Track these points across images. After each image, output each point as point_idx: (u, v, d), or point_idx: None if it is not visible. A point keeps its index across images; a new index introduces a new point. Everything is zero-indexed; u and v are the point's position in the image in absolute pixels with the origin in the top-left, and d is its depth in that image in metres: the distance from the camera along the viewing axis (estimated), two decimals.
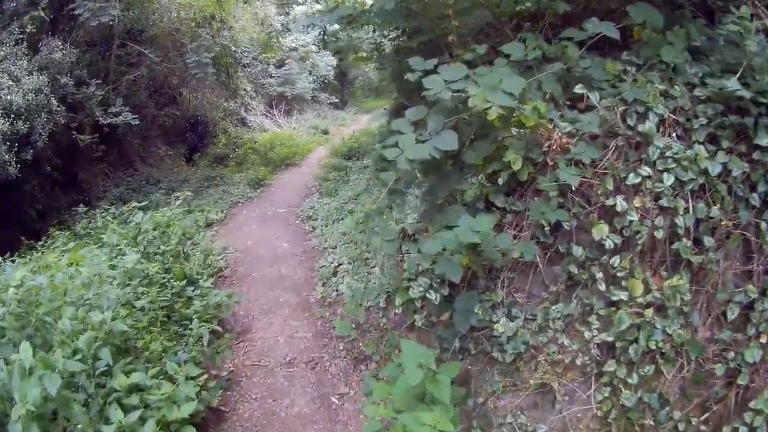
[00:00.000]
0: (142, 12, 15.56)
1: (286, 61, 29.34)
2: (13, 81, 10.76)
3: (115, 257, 7.87)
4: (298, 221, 12.84)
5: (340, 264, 9.38)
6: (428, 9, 7.13)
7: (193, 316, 6.81)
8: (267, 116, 26.96)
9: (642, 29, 5.08)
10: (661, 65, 4.97)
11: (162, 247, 8.02)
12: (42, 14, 11.96)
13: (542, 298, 5.02)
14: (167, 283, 7.42)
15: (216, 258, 10.16)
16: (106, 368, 4.88)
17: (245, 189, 15.83)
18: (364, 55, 14.12)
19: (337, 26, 33.65)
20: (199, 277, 8.18)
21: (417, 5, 7.46)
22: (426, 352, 4.27)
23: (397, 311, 6.32)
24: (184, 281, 7.67)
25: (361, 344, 6.89)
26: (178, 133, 20.73)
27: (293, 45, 29.97)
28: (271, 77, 27.96)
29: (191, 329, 6.54)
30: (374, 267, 8.57)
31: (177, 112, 19.72)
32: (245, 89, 23.97)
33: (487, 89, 4.34)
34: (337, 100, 35.26)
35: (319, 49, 32.68)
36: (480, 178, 5.03)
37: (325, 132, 27.65)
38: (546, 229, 4.79)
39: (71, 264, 7.01)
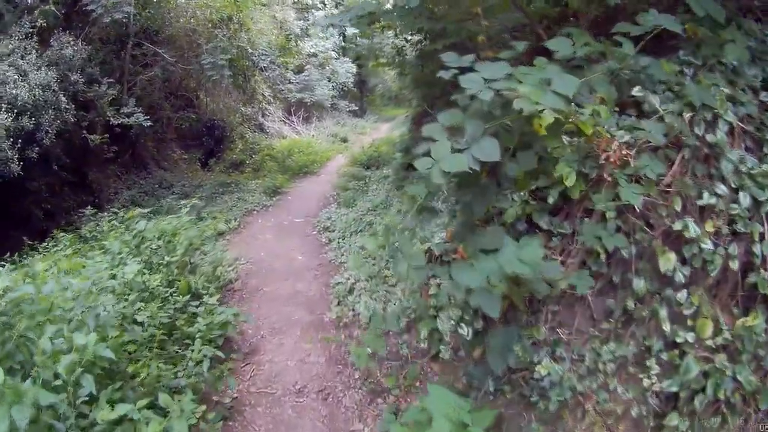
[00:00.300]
0: (158, 11, 15.09)
1: (305, 67, 28.80)
2: (19, 75, 10.21)
3: (117, 266, 7.28)
4: (314, 232, 12.20)
5: (357, 281, 8.71)
6: (453, 10, 6.58)
7: (196, 335, 6.19)
8: (285, 122, 26.41)
9: (697, 26, 4.36)
10: (720, 66, 4.30)
11: (166, 258, 7.40)
12: (53, 8, 11.45)
13: (591, 336, 4.33)
14: (170, 298, 6.79)
15: (226, 269, 9.54)
16: (88, 397, 4.23)
17: (261, 197, 15.23)
18: (385, 60, 13.35)
19: (356, 31, 33.24)
20: (205, 291, 7.52)
21: (442, 7, 6.91)
22: (457, 401, 3.62)
23: (421, 342, 5.64)
24: (188, 296, 7.01)
25: (378, 374, 6.19)
26: (195, 136, 20.23)
27: (312, 51, 29.46)
28: (290, 83, 27.43)
29: (192, 350, 5.90)
30: (394, 286, 7.91)
31: (193, 115, 19.19)
32: (263, 94, 23.40)
33: (536, 90, 3.67)
34: (357, 108, 34.68)
35: (339, 55, 32.11)
36: (523, 194, 4.32)
37: (344, 140, 27.06)
38: (601, 256, 4.09)
39: (67, 272, 6.44)
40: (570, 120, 3.79)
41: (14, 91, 9.80)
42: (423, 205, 4.30)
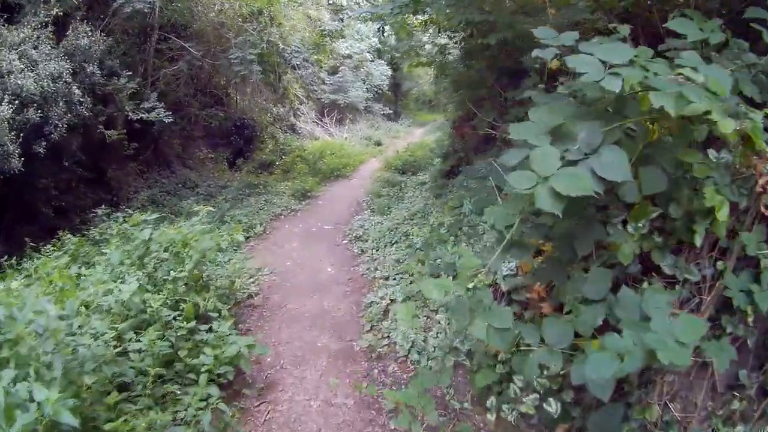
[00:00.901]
0: (185, 4, 14.00)
1: (340, 69, 27.75)
2: (28, 65, 9.18)
3: (117, 280, 6.18)
4: (345, 241, 11.03)
5: (393, 300, 7.53)
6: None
7: (202, 370, 5.05)
8: (318, 124, 25.35)
9: None
10: None
11: (173, 273, 6.20)
12: None
13: (711, 413, 3.10)
14: (173, 322, 5.63)
15: (246, 282, 8.44)
16: None
17: (289, 200, 14.12)
18: (424, 60, 12.15)
19: (392, 32, 32.11)
20: (217, 314, 6.34)
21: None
22: None
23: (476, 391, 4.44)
24: (195, 320, 5.83)
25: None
26: (224, 135, 19.17)
27: (347, 52, 28.39)
28: (323, 83, 26.39)
29: (195, 393, 4.75)
30: (437, 312, 6.72)
31: (222, 113, 18.10)
32: (295, 93, 22.29)
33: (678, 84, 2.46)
34: (391, 112, 33.47)
35: (374, 57, 30.97)
36: (640, 225, 3.06)
37: (378, 143, 25.94)
38: (749, 318, 2.87)
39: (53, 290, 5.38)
40: (738, 127, 2.54)
41: (19, 82, 8.75)
42: (513, 240, 2.98)
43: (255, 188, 15.34)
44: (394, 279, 8.43)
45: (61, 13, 10.48)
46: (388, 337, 6.63)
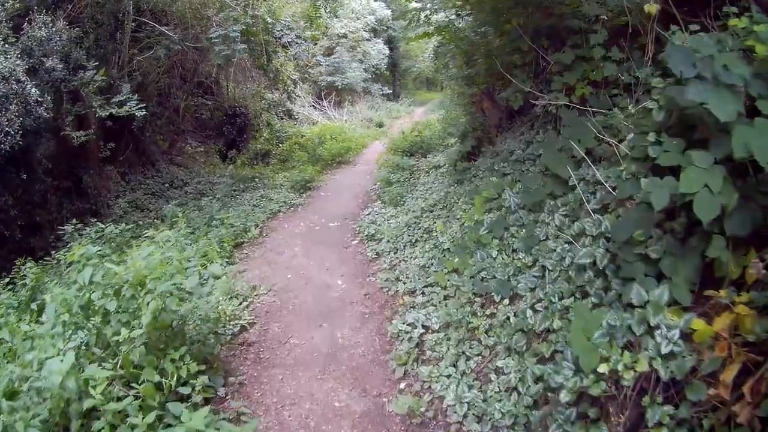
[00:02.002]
0: None
1: (335, 49, 25.64)
2: None
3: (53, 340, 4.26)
4: (355, 242, 9.10)
5: (427, 328, 5.62)
6: None
7: None
8: (315, 108, 23.30)
9: None
10: None
11: (124, 332, 4.17)
12: None
13: None
14: (126, 412, 3.69)
15: (238, 308, 6.50)
16: None
17: (288, 194, 12.12)
18: (431, 29, 10.09)
19: (389, 12, 30.00)
20: (191, 386, 4.35)
21: None
22: None
23: None
24: (154, 412, 3.83)
25: None
26: (215, 126, 17.17)
27: (342, 31, 26.26)
28: (319, 65, 24.31)
29: None
30: (493, 348, 4.80)
31: (209, 102, 16.02)
32: (289, 76, 20.11)
33: None
34: (390, 92, 31.32)
35: (371, 36, 28.81)
36: None
37: (380, 125, 23.97)
38: None
39: None
40: None
41: None
42: None
43: (250, 182, 13.38)
44: (422, 294, 6.54)
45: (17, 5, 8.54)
46: (430, 389, 4.69)
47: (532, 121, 8.08)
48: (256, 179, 13.59)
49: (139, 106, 9.92)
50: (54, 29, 8.91)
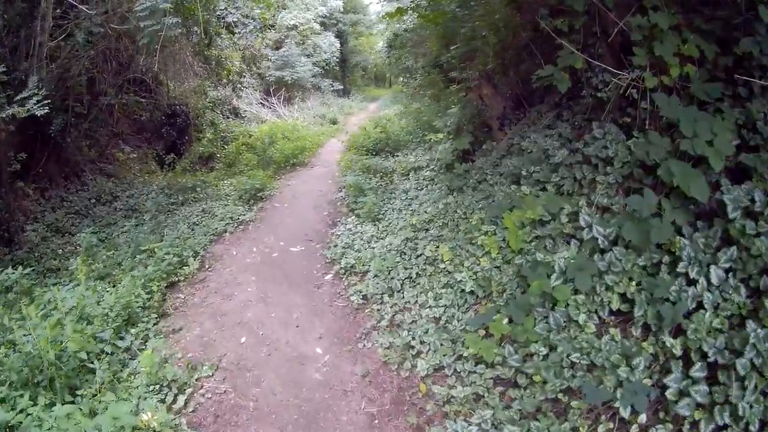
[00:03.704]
0: None
1: (285, 42, 22.72)
2: None
3: None
4: (329, 276, 6.42)
5: None
6: None
7: None
8: (264, 105, 20.34)
9: None
10: None
11: None
12: None
13: None
14: None
15: (168, 419, 3.77)
16: None
17: (235, 207, 9.27)
18: (412, 4, 7.45)
19: (339, 3, 27.28)
20: None
21: None
22: None
23: None
24: None
25: None
26: (155, 128, 14.04)
27: (292, 23, 23.37)
28: (268, 59, 21.35)
29: None
30: None
31: (143, 100, 12.89)
32: (233, 66, 16.94)
33: None
34: (341, 87, 28.48)
35: (322, 30, 25.95)
36: None
37: (333, 122, 21.33)
38: None
39: None
40: None
41: None
42: None
43: (189, 193, 10.49)
44: (458, 377, 4.13)
45: None
46: None
47: (583, 110, 5.57)
48: (198, 189, 10.70)
49: (43, 103, 7.02)
50: None
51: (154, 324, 5.42)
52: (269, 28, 21.70)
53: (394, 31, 22.61)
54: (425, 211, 7.03)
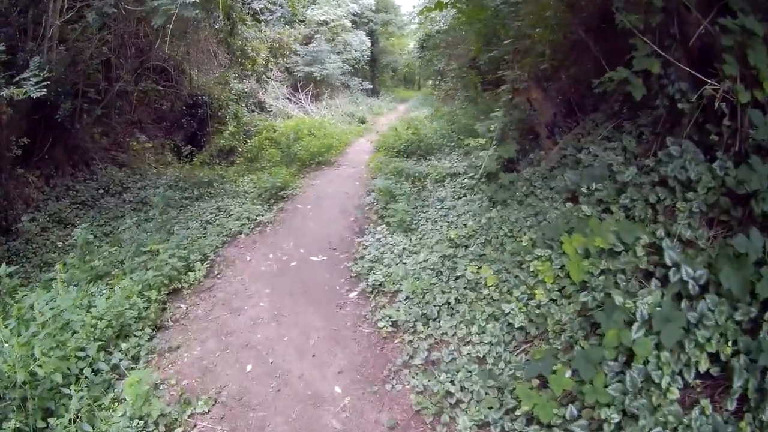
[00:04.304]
0: None
1: (314, 37, 21.93)
2: None
3: None
4: (354, 294, 5.57)
5: None
6: None
7: None
8: (291, 100, 19.52)
9: None
10: None
11: None
12: None
13: None
14: None
15: None
16: None
17: (254, 206, 8.47)
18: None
19: (371, 1, 26.60)
20: None
21: None
22: None
23: None
24: None
25: None
26: (176, 118, 13.29)
27: (323, 18, 22.55)
28: (297, 54, 20.56)
29: None
30: None
31: (160, 88, 12.11)
32: (259, 56, 16.09)
33: None
34: (371, 87, 27.62)
35: (353, 27, 25.16)
36: None
37: (362, 121, 20.49)
38: None
39: None
40: None
41: None
42: None
43: (206, 187, 9.72)
44: None
45: None
46: None
47: (652, 123, 4.70)
48: (215, 183, 9.92)
49: (41, 85, 6.32)
50: None
51: (149, 339, 4.66)
52: (299, 23, 21.02)
53: (426, 32, 21.92)
54: (464, 225, 6.17)
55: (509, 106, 7.36)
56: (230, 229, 7.41)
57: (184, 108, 13.35)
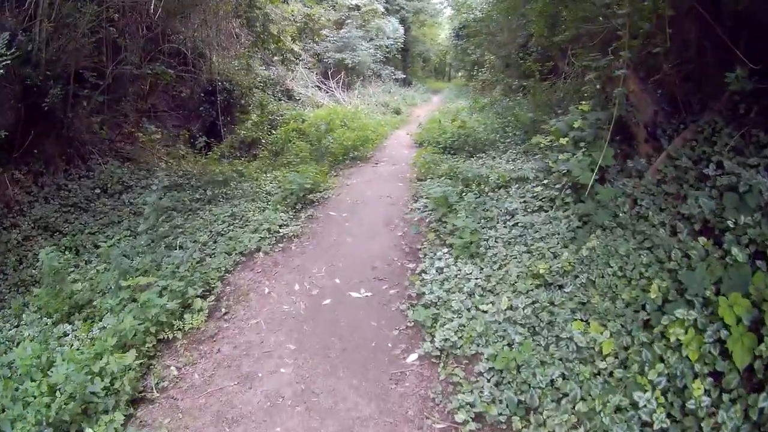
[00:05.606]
0: None
1: (346, 22, 20.32)
2: None
3: None
4: (413, 357, 3.86)
5: None
6: None
7: None
8: (321, 88, 17.88)
9: None
10: None
11: None
12: None
13: None
14: None
15: None
16: None
17: (277, 212, 6.78)
18: None
19: None
20: None
21: None
22: None
23: None
24: None
25: None
26: (194, 106, 11.69)
27: (354, 3, 20.96)
28: (326, 40, 18.96)
29: None
30: None
31: (170, 71, 10.42)
32: (278, 35, 14.39)
33: None
34: (404, 76, 25.95)
35: (386, 12, 23.53)
36: None
37: (397, 111, 18.91)
38: None
39: None
40: None
41: None
42: None
43: (221, 187, 8.11)
44: None
45: None
46: None
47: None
48: (231, 183, 8.29)
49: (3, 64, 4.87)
50: None
51: (122, 424, 3.08)
52: (330, 8, 19.51)
53: (462, 22, 20.36)
54: (554, 254, 4.47)
55: (598, 99, 5.69)
56: (245, 244, 5.77)
57: (202, 95, 11.77)
